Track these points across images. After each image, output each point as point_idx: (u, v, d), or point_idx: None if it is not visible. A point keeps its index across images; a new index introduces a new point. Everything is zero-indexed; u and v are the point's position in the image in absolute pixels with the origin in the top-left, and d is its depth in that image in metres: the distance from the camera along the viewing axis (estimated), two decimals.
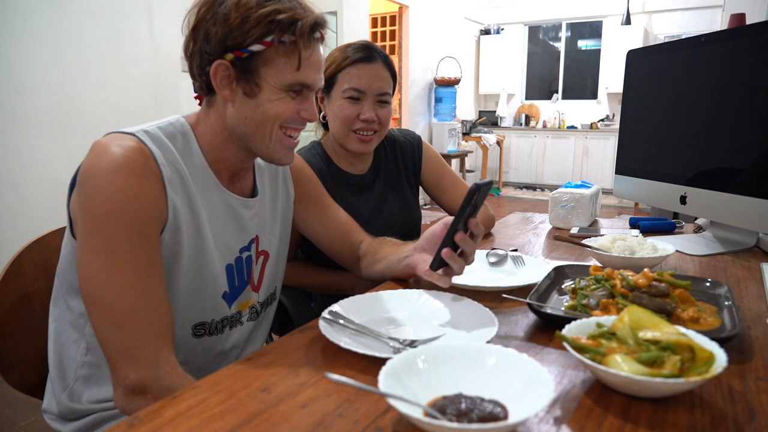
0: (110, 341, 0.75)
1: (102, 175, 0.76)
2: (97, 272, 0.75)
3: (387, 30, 7.23)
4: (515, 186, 8.51)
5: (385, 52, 1.38)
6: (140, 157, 0.79)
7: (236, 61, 0.82)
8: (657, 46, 1.55)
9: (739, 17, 2.95)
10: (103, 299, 0.75)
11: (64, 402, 0.88)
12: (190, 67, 0.87)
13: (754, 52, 1.22)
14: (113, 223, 0.75)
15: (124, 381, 0.74)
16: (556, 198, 1.64)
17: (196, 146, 0.89)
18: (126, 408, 0.74)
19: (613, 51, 7.51)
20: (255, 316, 1.01)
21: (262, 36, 0.80)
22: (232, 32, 0.80)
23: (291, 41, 0.82)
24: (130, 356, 0.74)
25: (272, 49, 0.82)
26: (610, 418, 0.59)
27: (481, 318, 0.84)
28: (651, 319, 0.68)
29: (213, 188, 0.91)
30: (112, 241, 0.75)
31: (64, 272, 0.88)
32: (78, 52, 3.01)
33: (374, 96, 1.33)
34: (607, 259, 1.12)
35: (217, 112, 0.89)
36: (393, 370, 0.60)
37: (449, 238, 0.87)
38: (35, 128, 2.86)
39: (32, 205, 2.80)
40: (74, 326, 0.88)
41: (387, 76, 1.36)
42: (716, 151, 1.34)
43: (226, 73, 0.83)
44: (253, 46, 0.81)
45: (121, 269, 0.75)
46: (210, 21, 0.82)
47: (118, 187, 0.76)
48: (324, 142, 1.45)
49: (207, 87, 0.87)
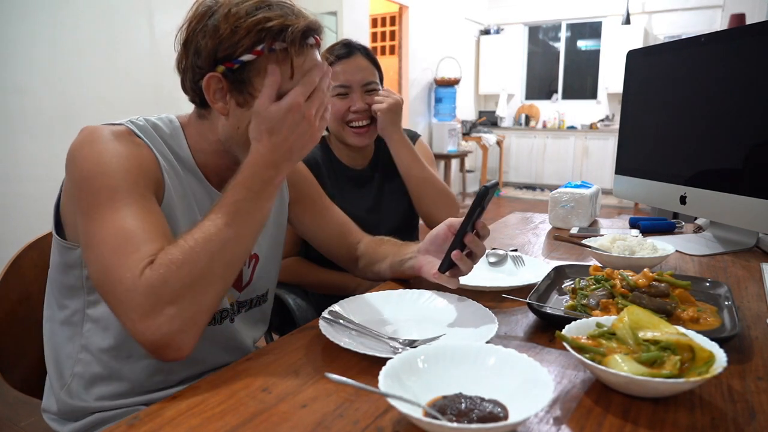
0: (112, 266, 0.70)
1: (91, 146, 0.77)
2: (87, 230, 0.73)
3: (387, 30, 7.22)
4: (515, 186, 8.51)
5: (364, 45, 1.44)
6: (131, 138, 0.81)
7: (228, 73, 0.80)
8: (657, 46, 1.55)
9: (739, 17, 2.95)
10: (98, 245, 0.71)
11: (62, 399, 0.88)
12: (183, 82, 0.86)
13: (754, 52, 1.22)
14: (100, 180, 0.74)
15: (136, 268, 0.68)
16: (556, 198, 1.64)
17: (184, 144, 0.89)
18: (143, 302, 0.67)
19: (613, 51, 7.51)
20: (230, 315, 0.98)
21: (252, 45, 0.78)
22: (222, 44, 0.78)
23: (282, 48, 0.79)
24: (134, 250, 0.69)
25: (263, 58, 0.79)
26: (610, 418, 0.59)
27: (481, 318, 0.84)
28: (651, 319, 0.68)
29: (201, 188, 0.91)
30: (99, 196, 0.73)
31: (54, 274, 0.89)
32: (78, 52, 3.00)
33: (360, 87, 1.39)
34: (607, 259, 1.12)
35: (210, 125, 0.87)
36: (393, 370, 0.60)
37: (459, 239, 0.88)
38: (35, 128, 2.86)
39: (32, 205, 2.79)
40: (68, 324, 0.88)
41: (368, 66, 1.41)
42: (716, 151, 1.34)
43: (218, 85, 0.81)
44: (244, 56, 0.78)
45: (116, 215, 0.72)
46: (200, 34, 0.80)
47: (108, 150, 0.76)
48: (329, 138, 1.51)
49: (200, 101, 0.85)
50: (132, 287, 0.67)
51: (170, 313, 0.67)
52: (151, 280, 0.67)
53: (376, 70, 1.44)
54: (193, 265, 0.69)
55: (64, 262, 0.86)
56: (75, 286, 0.87)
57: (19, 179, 2.81)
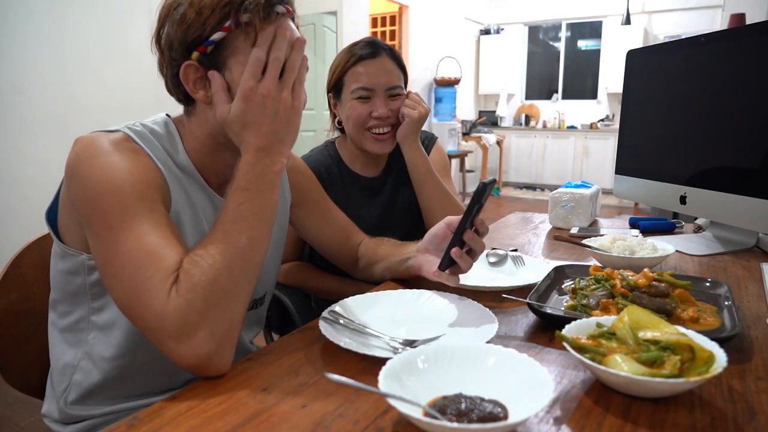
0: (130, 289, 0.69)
1: (92, 160, 0.75)
2: (104, 253, 0.72)
3: (387, 30, 7.22)
4: (515, 186, 8.51)
5: (390, 46, 1.35)
6: (130, 145, 0.79)
7: (202, 58, 0.78)
8: (657, 46, 1.55)
9: (739, 17, 2.95)
10: (119, 269, 0.70)
11: (61, 407, 0.88)
12: (166, 82, 0.85)
13: (754, 52, 1.22)
14: (109, 199, 0.72)
15: (161, 292, 0.67)
16: (556, 198, 1.64)
17: (181, 147, 0.87)
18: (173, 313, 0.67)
19: (613, 51, 7.51)
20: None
21: (219, 23, 0.76)
22: (191, 28, 0.77)
23: (248, 21, 0.77)
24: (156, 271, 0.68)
25: (233, 34, 0.77)
26: (610, 418, 0.59)
27: (481, 318, 0.84)
28: (651, 319, 0.68)
29: (201, 191, 0.89)
30: (110, 217, 0.72)
31: (56, 281, 0.87)
32: (78, 52, 3.01)
33: (384, 91, 1.31)
34: (607, 259, 1.12)
35: (200, 119, 0.86)
36: (393, 370, 0.60)
37: (458, 237, 0.88)
38: (35, 128, 2.86)
39: (32, 205, 2.79)
40: (71, 331, 0.87)
41: (394, 68, 1.33)
42: (716, 151, 1.34)
43: (197, 74, 0.80)
44: (214, 36, 0.77)
45: (131, 234, 0.71)
46: (170, 26, 0.79)
47: (111, 165, 0.74)
48: (338, 143, 1.44)
49: (185, 97, 0.84)
50: (161, 314, 0.67)
51: (202, 335, 0.67)
52: (179, 307, 0.67)
53: (401, 73, 1.35)
54: (215, 283, 0.69)
55: (67, 268, 0.84)
56: (79, 293, 0.85)
57: (19, 179, 2.81)
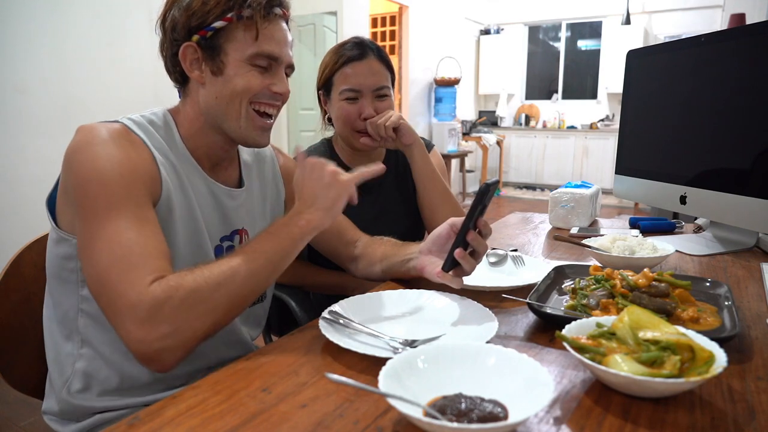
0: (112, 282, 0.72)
1: (87, 148, 0.79)
2: (87, 238, 0.75)
3: (387, 30, 7.23)
4: (515, 186, 8.51)
5: (377, 45, 1.37)
6: (128, 136, 0.84)
7: (202, 41, 0.87)
8: (657, 46, 1.55)
9: (739, 17, 2.95)
10: (97, 255, 0.73)
11: (64, 399, 0.88)
12: (165, 62, 0.93)
13: (754, 52, 1.22)
14: (95, 188, 0.76)
15: (141, 284, 0.70)
16: (556, 198, 1.64)
17: (177, 134, 0.93)
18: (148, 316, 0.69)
19: (613, 51, 7.51)
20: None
21: (222, 13, 0.86)
22: (195, 14, 0.86)
23: (249, 15, 0.87)
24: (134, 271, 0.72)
25: (233, 25, 0.87)
26: (610, 418, 0.59)
27: (481, 318, 0.84)
28: (651, 319, 0.68)
29: (196, 175, 0.94)
30: (95, 204, 0.76)
31: (50, 268, 0.89)
32: (78, 52, 3.01)
33: (371, 92, 1.33)
34: (607, 259, 1.12)
35: (192, 99, 0.93)
36: (393, 370, 0.60)
37: (461, 238, 0.88)
38: (35, 128, 2.86)
39: (32, 205, 2.79)
40: (65, 321, 0.89)
41: (381, 69, 1.34)
42: (716, 151, 1.34)
43: (194, 55, 0.88)
44: (216, 23, 0.86)
45: (113, 225, 0.74)
46: (176, 10, 0.88)
47: (104, 155, 0.78)
48: (335, 140, 1.46)
49: (181, 77, 0.92)
50: (135, 301, 0.69)
51: (165, 329, 0.70)
52: (156, 298, 0.70)
53: (389, 73, 1.37)
54: (198, 291, 0.72)
55: (61, 253, 0.87)
56: (69, 280, 0.87)
57: (19, 179, 2.81)
